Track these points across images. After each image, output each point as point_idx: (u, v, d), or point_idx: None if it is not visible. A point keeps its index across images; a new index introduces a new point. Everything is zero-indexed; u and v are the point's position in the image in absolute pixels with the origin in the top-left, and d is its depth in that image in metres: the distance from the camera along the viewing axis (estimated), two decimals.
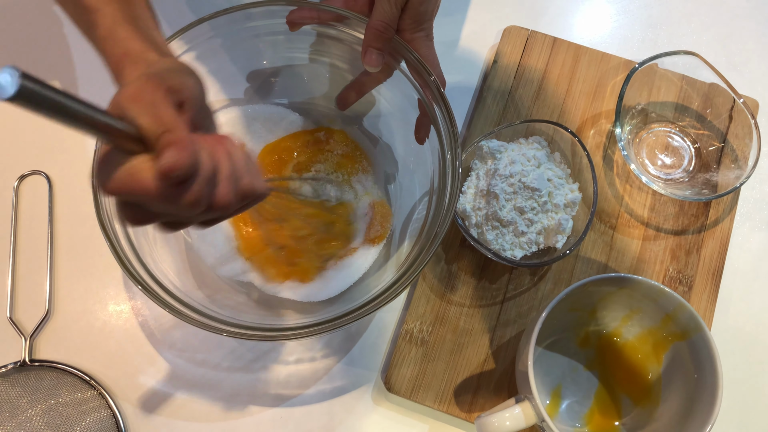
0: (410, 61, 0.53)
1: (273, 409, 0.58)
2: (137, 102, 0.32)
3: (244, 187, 0.37)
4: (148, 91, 0.33)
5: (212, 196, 0.35)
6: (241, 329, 0.48)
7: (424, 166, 0.57)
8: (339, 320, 0.48)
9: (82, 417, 0.55)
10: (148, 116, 0.32)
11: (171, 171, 0.31)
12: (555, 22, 0.73)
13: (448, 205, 0.50)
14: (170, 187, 0.32)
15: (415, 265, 0.49)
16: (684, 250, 0.63)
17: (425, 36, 0.53)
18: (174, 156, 0.31)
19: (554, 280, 0.61)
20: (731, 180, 0.61)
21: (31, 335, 0.58)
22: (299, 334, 0.47)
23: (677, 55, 0.64)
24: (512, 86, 0.67)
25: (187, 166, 0.32)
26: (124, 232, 0.50)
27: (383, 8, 0.50)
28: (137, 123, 0.31)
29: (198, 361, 0.59)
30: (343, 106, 0.61)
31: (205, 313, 0.49)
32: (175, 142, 0.32)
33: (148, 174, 0.31)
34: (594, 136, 0.66)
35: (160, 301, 0.47)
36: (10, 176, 0.63)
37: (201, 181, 0.34)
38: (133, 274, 0.47)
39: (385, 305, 0.48)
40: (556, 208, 0.58)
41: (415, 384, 0.58)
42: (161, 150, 0.31)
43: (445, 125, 0.52)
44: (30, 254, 0.61)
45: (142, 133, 0.32)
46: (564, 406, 0.57)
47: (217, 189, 0.35)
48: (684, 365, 0.52)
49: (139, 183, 0.31)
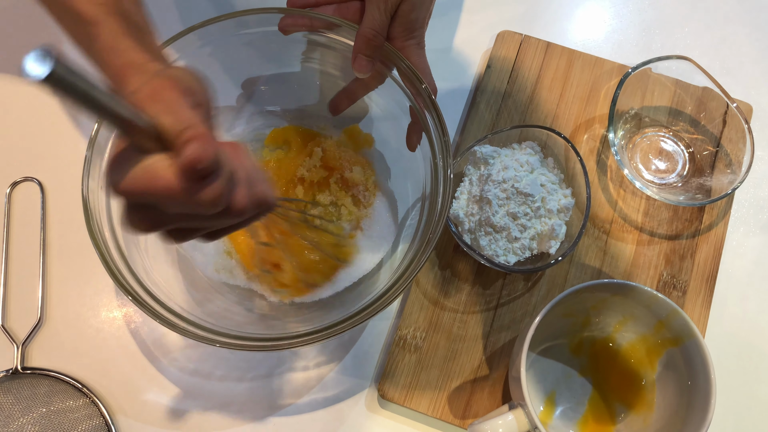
0: (402, 69, 0.53)
1: (266, 418, 0.57)
2: (156, 101, 0.32)
3: (259, 194, 0.37)
4: (166, 91, 0.33)
5: (231, 198, 0.35)
6: (234, 339, 0.47)
7: (416, 172, 0.57)
8: (333, 328, 0.47)
9: (74, 425, 0.55)
10: (169, 114, 0.32)
11: (196, 163, 0.31)
12: (548, 26, 0.73)
13: (440, 211, 0.50)
14: (191, 183, 0.32)
15: (408, 271, 0.49)
16: (678, 255, 0.63)
17: (416, 44, 0.53)
18: (199, 149, 0.31)
19: (548, 285, 0.61)
20: (725, 184, 0.61)
21: (24, 342, 0.58)
22: (293, 343, 0.47)
23: (671, 59, 0.64)
24: (506, 91, 0.67)
25: (211, 159, 0.31)
26: (115, 243, 0.50)
27: (373, 15, 0.51)
28: (158, 121, 0.31)
29: (191, 369, 0.58)
30: (335, 111, 0.61)
31: (199, 324, 0.48)
32: (198, 136, 0.31)
33: (168, 171, 0.31)
34: (587, 141, 0.66)
35: (153, 314, 0.47)
36: (3, 183, 0.63)
37: (223, 178, 0.33)
38: (124, 285, 0.47)
39: (378, 313, 0.48)
40: (550, 214, 0.58)
41: (409, 391, 0.57)
42: (184, 144, 0.31)
43: (437, 132, 0.52)
44: (22, 261, 0.61)
45: (162, 131, 0.31)
46: (558, 412, 0.56)
47: (236, 191, 0.35)
48: (678, 371, 0.52)
49: (159, 180, 0.31)
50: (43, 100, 0.66)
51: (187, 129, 0.31)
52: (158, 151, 0.32)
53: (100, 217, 0.49)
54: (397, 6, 0.51)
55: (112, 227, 0.50)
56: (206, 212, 0.34)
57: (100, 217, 0.49)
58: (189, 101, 0.34)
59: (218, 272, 0.57)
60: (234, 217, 0.36)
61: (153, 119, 0.31)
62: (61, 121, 0.66)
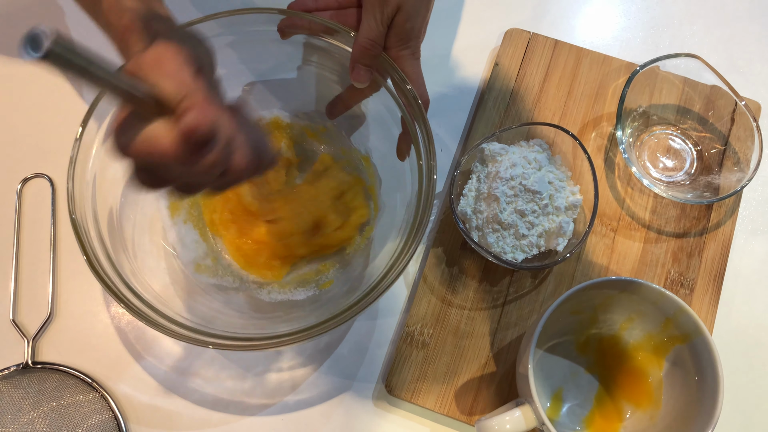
0: (395, 79, 0.54)
1: (275, 414, 0.58)
2: (158, 68, 0.33)
3: (259, 153, 0.38)
4: (168, 57, 0.34)
5: (230, 161, 0.36)
6: (230, 341, 0.48)
7: (404, 181, 0.57)
8: (327, 323, 0.47)
9: (84, 419, 0.56)
10: (170, 81, 0.33)
11: (193, 132, 0.32)
12: (556, 24, 0.73)
13: (422, 215, 0.50)
14: (190, 149, 0.33)
15: (391, 272, 0.49)
16: (686, 253, 0.63)
17: (411, 54, 0.54)
18: (197, 117, 0.32)
19: (555, 283, 0.61)
20: (733, 183, 0.61)
21: (34, 337, 0.58)
22: (294, 339, 0.47)
23: (679, 57, 0.63)
24: (513, 89, 0.67)
25: (208, 127, 0.33)
26: (103, 249, 0.50)
27: (369, 25, 0.51)
28: (159, 88, 0.32)
29: (200, 365, 0.59)
30: (331, 115, 0.61)
31: (192, 327, 0.49)
32: (197, 104, 0.33)
33: (168, 138, 0.32)
34: (595, 138, 0.66)
35: (142, 317, 0.47)
36: (14, 179, 0.63)
37: (220, 144, 0.35)
38: (112, 289, 0.48)
39: (364, 311, 0.48)
40: (557, 211, 0.58)
41: (416, 386, 0.58)
42: (183, 112, 0.32)
43: (424, 143, 0.52)
44: (33, 257, 0.61)
45: (162, 97, 0.32)
46: (565, 409, 0.57)
47: (235, 154, 0.36)
48: (685, 369, 0.52)
49: (161, 146, 0.32)
50: (54, 97, 0.66)
51: (186, 97, 0.33)
52: (160, 117, 0.33)
53: (88, 226, 0.50)
54: (393, 16, 0.51)
55: (101, 237, 0.51)
56: (204, 177, 0.36)
57: (87, 227, 0.50)
58: (190, 69, 0.34)
59: (201, 273, 0.58)
60: (235, 176, 0.37)
61: (153, 87, 0.32)
62: (71, 117, 0.66)
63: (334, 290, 0.58)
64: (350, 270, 0.59)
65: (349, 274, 0.59)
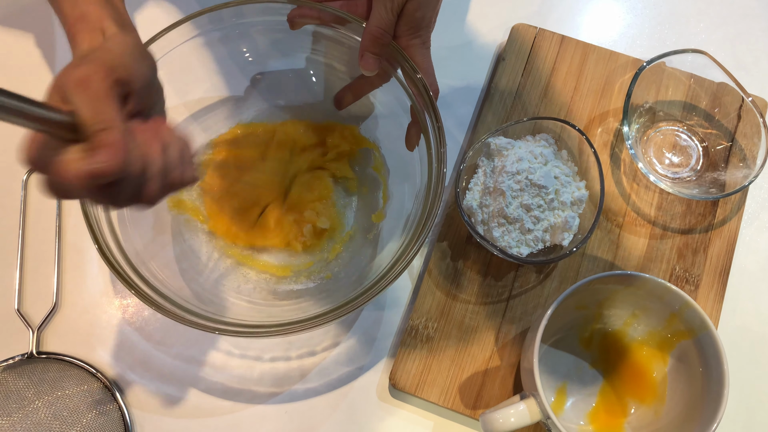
0: (405, 68, 0.53)
1: (278, 404, 0.58)
2: (82, 90, 0.32)
3: (173, 180, 0.38)
4: (96, 79, 0.33)
5: (138, 193, 0.36)
6: (237, 327, 0.48)
7: (413, 171, 0.57)
8: (335, 311, 0.47)
9: (88, 409, 0.56)
10: (89, 109, 0.32)
11: (100, 175, 0.32)
12: (563, 20, 0.72)
13: (431, 206, 0.50)
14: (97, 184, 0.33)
15: (400, 263, 0.49)
16: (691, 249, 0.62)
17: (421, 43, 0.53)
18: (104, 160, 0.32)
19: (560, 277, 0.61)
20: (739, 179, 0.61)
21: (39, 327, 0.58)
22: (302, 327, 0.47)
23: (685, 53, 0.63)
24: (520, 84, 0.67)
25: (115, 171, 0.32)
26: (114, 238, 0.50)
27: (380, 13, 0.51)
28: (77, 113, 0.32)
29: (204, 354, 0.59)
30: (339, 106, 0.61)
31: (202, 314, 0.49)
32: (109, 144, 0.32)
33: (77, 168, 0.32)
34: (601, 134, 0.66)
35: (154, 304, 0.47)
36: (19, 169, 0.63)
37: (128, 182, 0.34)
38: (123, 276, 0.48)
39: (375, 298, 0.48)
40: (563, 206, 0.58)
41: (420, 380, 0.58)
42: (94, 149, 0.32)
43: (434, 133, 0.52)
44: (38, 247, 0.61)
45: (79, 123, 0.32)
46: (569, 403, 0.57)
47: (145, 187, 0.36)
48: (690, 364, 0.52)
49: (70, 177, 0.32)
50: None
51: (101, 132, 0.32)
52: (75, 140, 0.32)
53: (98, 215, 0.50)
54: (404, 5, 0.51)
55: (111, 225, 0.51)
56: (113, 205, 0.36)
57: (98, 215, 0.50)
58: (119, 92, 0.34)
59: (210, 262, 0.58)
60: (144, 205, 0.37)
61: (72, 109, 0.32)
62: None
63: (343, 280, 0.58)
64: (358, 260, 0.59)
65: (357, 264, 0.59)
